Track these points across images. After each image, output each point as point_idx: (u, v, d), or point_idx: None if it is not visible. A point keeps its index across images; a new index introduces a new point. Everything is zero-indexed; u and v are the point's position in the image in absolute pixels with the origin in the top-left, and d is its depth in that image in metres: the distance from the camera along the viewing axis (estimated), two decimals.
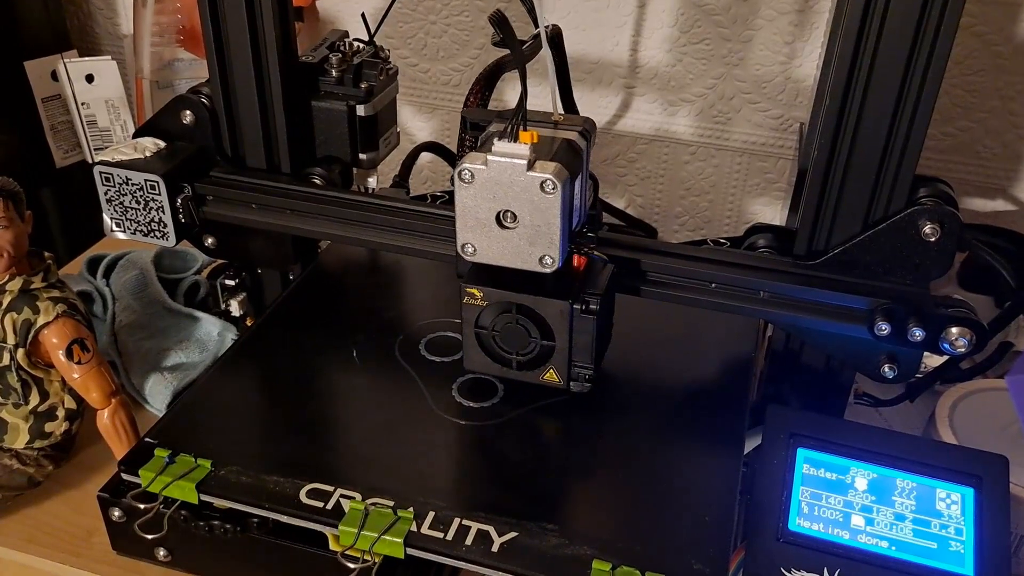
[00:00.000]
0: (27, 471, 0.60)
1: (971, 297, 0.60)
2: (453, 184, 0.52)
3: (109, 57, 0.92)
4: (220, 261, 0.72)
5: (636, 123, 0.89)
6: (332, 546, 0.52)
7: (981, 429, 0.61)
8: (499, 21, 0.46)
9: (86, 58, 0.92)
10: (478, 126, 0.54)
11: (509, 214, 0.48)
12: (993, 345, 0.70)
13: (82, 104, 0.93)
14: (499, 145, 0.46)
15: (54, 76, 0.93)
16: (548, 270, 0.49)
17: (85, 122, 0.93)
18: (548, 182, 0.46)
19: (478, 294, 0.52)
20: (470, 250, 0.49)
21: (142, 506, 0.52)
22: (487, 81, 0.60)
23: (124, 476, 0.52)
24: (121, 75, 0.93)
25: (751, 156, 0.88)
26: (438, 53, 0.91)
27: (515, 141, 0.46)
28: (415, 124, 0.96)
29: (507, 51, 0.58)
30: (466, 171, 0.47)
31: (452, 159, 0.76)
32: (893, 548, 0.50)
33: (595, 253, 0.53)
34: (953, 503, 0.51)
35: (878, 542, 0.50)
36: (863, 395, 0.67)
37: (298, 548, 0.52)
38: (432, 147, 0.76)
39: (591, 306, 0.51)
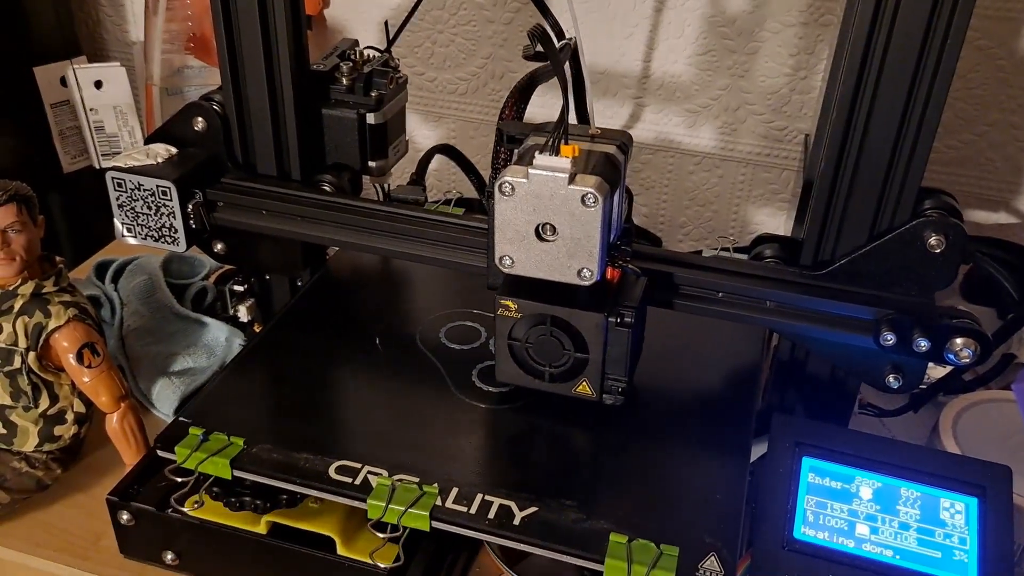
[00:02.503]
0: (36, 474, 0.60)
1: (974, 309, 0.61)
2: (488, 197, 0.53)
3: (118, 63, 0.92)
4: (228, 267, 0.72)
5: (641, 133, 0.90)
6: (340, 551, 0.53)
7: (985, 440, 0.61)
8: (541, 36, 0.47)
9: (95, 64, 0.93)
10: (513, 139, 0.55)
11: (549, 227, 0.48)
12: (996, 357, 0.70)
13: (90, 110, 0.93)
14: (540, 159, 0.47)
15: (63, 82, 0.94)
16: (587, 283, 0.49)
17: (93, 128, 0.94)
18: (589, 195, 0.46)
19: (513, 306, 0.53)
20: (508, 262, 0.50)
21: (179, 479, 0.54)
22: (522, 94, 0.60)
23: (160, 453, 0.54)
24: (129, 82, 0.94)
25: (756, 167, 0.88)
26: (445, 62, 0.92)
27: (556, 155, 0.47)
28: (422, 132, 0.96)
29: (540, 63, 0.59)
30: (507, 184, 0.48)
31: (465, 163, 0.77)
32: (897, 557, 0.51)
33: (629, 266, 0.53)
34: (957, 513, 0.51)
35: (883, 551, 0.51)
36: (867, 405, 0.67)
37: (306, 552, 0.53)
38: (445, 149, 0.77)
39: (626, 319, 0.51)
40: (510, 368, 0.55)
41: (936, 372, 0.68)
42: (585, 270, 0.49)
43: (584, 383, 0.54)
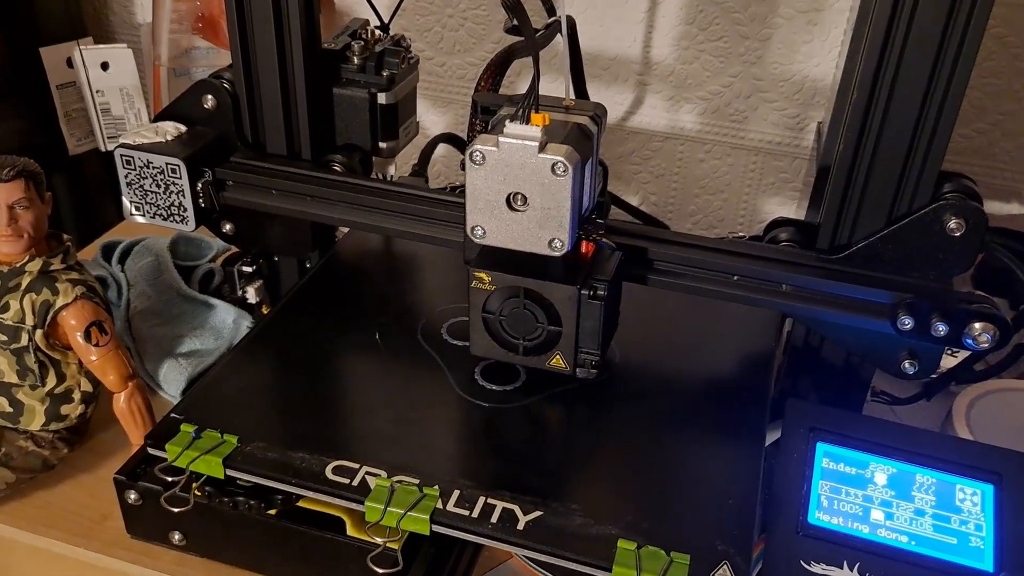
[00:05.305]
0: (42, 453, 0.60)
1: None
2: (464, 168, 0.52)
3: (125, 45, 0.92)
4: (235, 249, 0.72)
5: (652, 120, 0.89)
6: (350, 531, 0.52)
7: (998, 428, 0.61)
8: (513, 7, 0.46)
9: (102, 45, 0.92)
10: (488, 110, 0.54)
11: (519, 196, 0.48)
12: (1007, 347, 0.70)
13: (96, 92, 0.93)
14: (511, 127, 0.46)
15: (69, 63, 0.93)
16: (557, 253, 0.48)
17: (99, 110, 0.93)
18: (559, 164, 0.46)
19: (486, 278, 0.52)
20: (480, 232, 0.49)
21: (169, 478, 0.52)
22: (499, 67, 0.60)
23: (150, 451, 0.52)
24: (136, 64, 0.93)
25: (766, 155, 0.88)
26: (454, 47, 0.91)
27: (527, 123, 0.46)
28: (430, 118, 0.96)
29: (519, 39, 0.58)
30: (477, 153, 0.47)
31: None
32: (913, 543, 0.50)
33: (603, 240, 0.53)
34: (973, 499, 0.51)
35: (898, 537, 0.50)
36: (879, 393, 0.66)
37: (314, 533, 0.52)
38: (450, 139, 0.76)
39: (598, 292, 0.51)
40: (484, 341, 0.54)
41: (947, 361, 0.68)
42: (556, 240, 0.48)
43: (558, 356, 0.54)
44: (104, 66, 0.92)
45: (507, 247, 0.49)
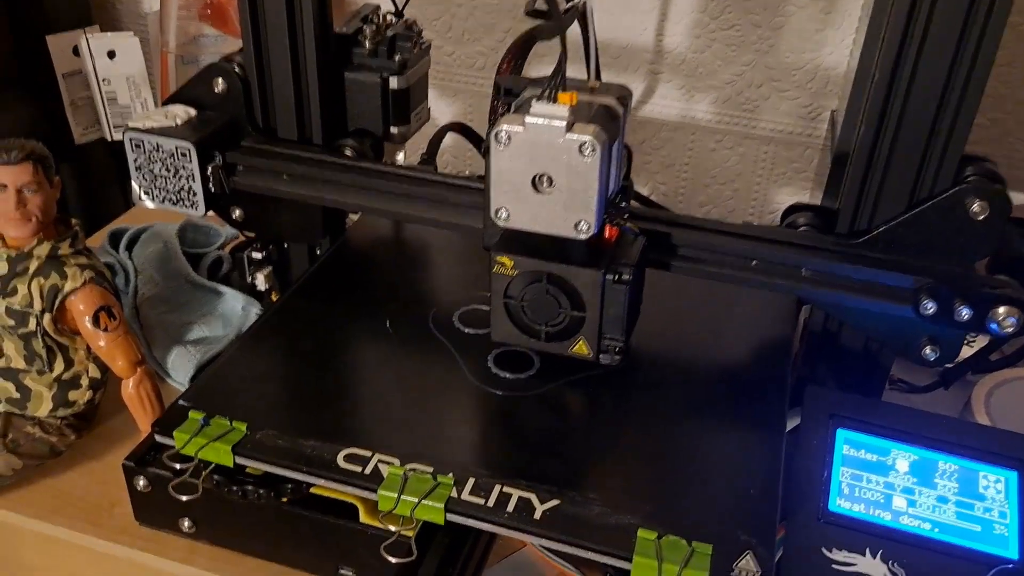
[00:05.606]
0: (49, 440, 0.59)
1: None
2: (484, 153, 0.52)
3: (131, 33, 0.91)
4: (243, 238, 0.71)
5: (662, 110, 0.88)
6: (363, 518, 0.51)
7: (1018, 416, 0.60)
8: None
9: (108, 33, 0.91)
10: (511, 92, 0.53)
11: (545, 178, 0.47)
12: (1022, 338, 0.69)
13: (103, 80, 0.92)
14: (537, 106, 0.45)
15: (76, 52, 0.93)
16: (583, 236, 0.47)
17: (106, 99, 0.93)
18: (587, 144, 0.45)
19: (508, 263, 0.51)
20: (503, 215, 0.48)
21: (178, 466, 0.51)
22: (521, 49, 0.59)
23: (157, 438, 0.51)
24: (143, 53, 0.92)
25: (778, 145, 0.87)
26: (463, 36, 0.91)
27: (553, 103, 0.45)
28: (438, 107, 0.95)
29: (539, 21, 0.57)
30: (503, 133, 0.46)
31: (477, 141, 0.75)
32: (936, 530, 0.49)
33: (627, 225, 0.52)
34: (997, 486, 0.50)
35: (921, 524, 0.50)
36: (897, 381, 0.66)
37: (327, 520, 0.51)
38: (459, 128, 0.75)
39: (623, 276, 0.50)
40: (505, 327, 0.53)
41: (963, 351, 0.67)
42: (583, 223, 0.47)
43: (581, 342, 0.53)
44: (111, 55, 0.91)
45: (532, 230, 0.48)
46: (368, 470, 0.49)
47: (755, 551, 0.45)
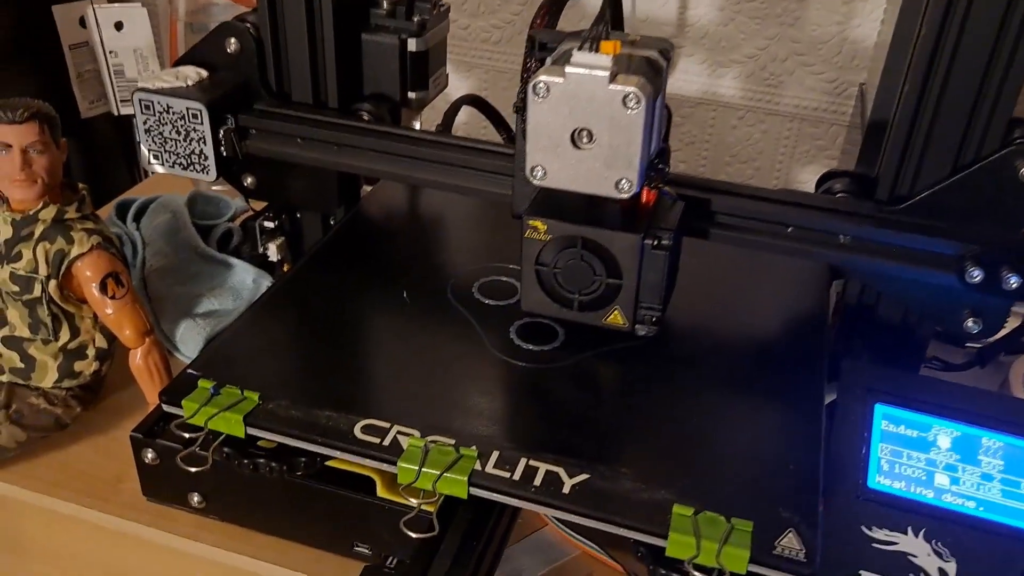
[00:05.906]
0: (54, 411, 0.57)
1: None
2: (518, 109, 0.49)
3: (139, 3, 0.89)
4: (253, 210, 0.69)
5: (683, 85, 0.86)
6: (380, 493, 0.49)
7: None
8: None
9: (116, 4, 0.89)
10: (545, 47, 0.51)
11: (586, 133, 0.44)
12: None
13: (110, 52, 0.90)
14: (578, 56, 0.43)
15: (82, 23, 0.90)
16: (624, 195, 0.45)
17: (112, 71, 0.90)
18: (632, 96, 0.42)
19: (541, 227, 0.49)
20: (540, 173, 0.46)
21: (187, 435, 0.48)
22: (554, 4, 0.56)
23: (165, 408, 0.49)
24: (151, 25, 0.90)
25: (802, 122, 0.85)
26: (479, 8, 0.89)
27: (596, 52, 0.43)
28: (453, 82, 0.93)
29: None
30: (541, 84, 0.43)
31: (494, 116, 0.73)
32: (981, 508, 0.47)
33: (665, 189, 0.50)
34: None
35: (964, 502, 0.47)
36: (931, 359, 0.63)
37: (343, 494, 0.49)
38: (474, 100, 0.73)
39: (663, 241, 0.48)
40: (537, 296, 0.51)
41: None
42: (624, 181, 0.44)
43: (616, 311, 0.50)
44: (118, 26, 0.89)
45: (570, 189, 0.46)
46: (387, 441, 0.47)
47: (797, 529, 0.42)
